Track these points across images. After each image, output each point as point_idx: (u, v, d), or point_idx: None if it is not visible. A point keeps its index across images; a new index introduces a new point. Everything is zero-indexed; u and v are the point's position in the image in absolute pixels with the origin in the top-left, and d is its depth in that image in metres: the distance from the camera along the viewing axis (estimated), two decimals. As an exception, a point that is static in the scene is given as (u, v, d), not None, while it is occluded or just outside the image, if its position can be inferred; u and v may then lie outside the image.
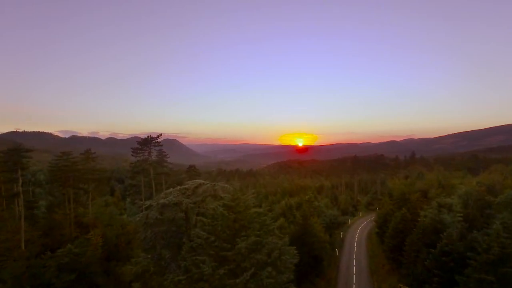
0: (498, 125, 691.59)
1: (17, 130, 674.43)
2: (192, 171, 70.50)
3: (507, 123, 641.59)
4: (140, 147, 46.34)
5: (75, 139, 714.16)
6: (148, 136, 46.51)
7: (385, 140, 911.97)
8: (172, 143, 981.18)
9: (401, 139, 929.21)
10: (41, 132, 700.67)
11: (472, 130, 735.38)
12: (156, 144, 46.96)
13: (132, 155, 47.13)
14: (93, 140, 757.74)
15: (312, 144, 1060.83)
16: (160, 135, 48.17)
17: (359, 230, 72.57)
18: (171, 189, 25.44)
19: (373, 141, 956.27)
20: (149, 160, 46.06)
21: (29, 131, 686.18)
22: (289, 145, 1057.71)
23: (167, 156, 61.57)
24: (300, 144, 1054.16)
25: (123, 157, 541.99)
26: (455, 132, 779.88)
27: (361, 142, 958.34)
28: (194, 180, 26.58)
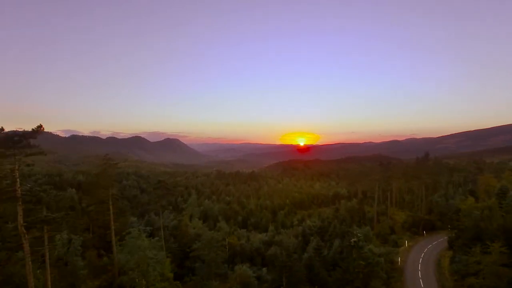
0: (502, 124, 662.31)
1: (18, 130, 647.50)
2: (163, 187, 44.54)
3: (511, 123, 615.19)
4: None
5: (75, 139, 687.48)
6: (9, 133, 19.69)
7: (387, 140, 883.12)
8: (173, 142, 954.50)
9: (403, 138, 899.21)
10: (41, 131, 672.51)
11: (475, 130, 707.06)
12: (26, 150, 20.16)
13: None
14: (93, 140, 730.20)
15: (314, 144, 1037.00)
16: (41, 127, 21.17)
17: (421, 275, 46.12)
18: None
19: (374, 141, 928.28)
20: (15, 185, 18.54)
21: (29, 130, 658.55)
22: (291, 144, 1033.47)
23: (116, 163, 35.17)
24: (302, 144, 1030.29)
25: (123, 157, 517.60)
26: (458, 131, 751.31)
27: (363, 142, 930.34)
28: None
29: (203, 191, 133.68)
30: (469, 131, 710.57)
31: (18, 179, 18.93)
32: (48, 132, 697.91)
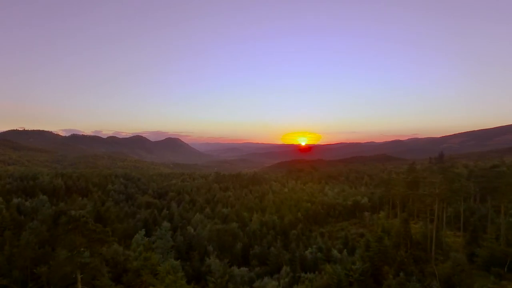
0: (506, 124, 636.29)
1: (18, 129, 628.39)
2: (72, 222, 22.29)
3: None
4: None
5: (75, 138, 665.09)
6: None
7: (390, 140, 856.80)
8: (175, 142, 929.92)
9: (406, 138, 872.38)
10: (42, 130, 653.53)
11: (479, 130, 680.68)
12: None
13: None
14: (94, 139, 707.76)
15: (316, 143, 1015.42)
16: None
17: None
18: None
19: (377, 141, 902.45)
20: None
21: (30, 129, 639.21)
22: (293, 144, 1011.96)
23: None
24: (303, 143, 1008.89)
25: (122, 157, 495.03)
26: (462, 131, 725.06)
27: (365, 141, 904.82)
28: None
29: (196, 200, 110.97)
30: (473, 130, 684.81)
31: None
32: (48, 131, 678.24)
